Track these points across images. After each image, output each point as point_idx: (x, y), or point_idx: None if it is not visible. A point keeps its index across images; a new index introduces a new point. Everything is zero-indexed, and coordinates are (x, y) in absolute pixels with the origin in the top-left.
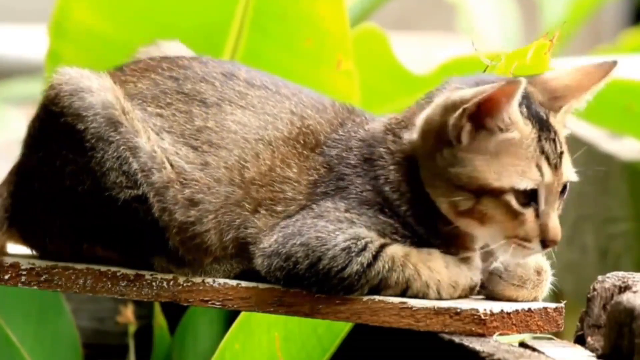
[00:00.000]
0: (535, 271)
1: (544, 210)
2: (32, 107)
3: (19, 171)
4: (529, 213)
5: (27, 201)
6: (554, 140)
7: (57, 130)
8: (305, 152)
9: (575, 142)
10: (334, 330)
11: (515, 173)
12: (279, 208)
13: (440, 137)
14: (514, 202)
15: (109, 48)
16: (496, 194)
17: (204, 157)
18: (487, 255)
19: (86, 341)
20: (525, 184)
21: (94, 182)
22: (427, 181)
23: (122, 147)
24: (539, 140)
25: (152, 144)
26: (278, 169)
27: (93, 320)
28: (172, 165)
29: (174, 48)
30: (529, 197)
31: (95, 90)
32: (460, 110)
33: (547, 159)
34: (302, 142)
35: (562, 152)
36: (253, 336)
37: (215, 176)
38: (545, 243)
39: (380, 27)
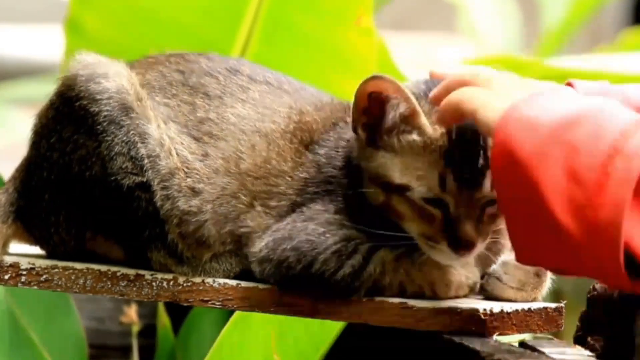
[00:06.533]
0: (535, 273)
1: (454, 214)
2: (35, 109)
3: (28, 163)
4: (437, 213)
5: (34, 191)
6: (474, 152)
7: (71, 114)
8: (300, 148)
9: None
10: (325, 329)
11: (416, 177)
12: (272, 203)
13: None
14: (417, 200)
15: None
16: (400, 190)
17: (205, 148)
18: (487, 258)
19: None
20: (422, 192)
21: (101, 167)
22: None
23: (131, 132)
24: (449, 150)
25: (162, 132)
26: (273, 162)
27: (93, 320)
28: (177, 154)
29: None
30: (435, 201)
31: (111, 75)
32: (354, 103)
33: (455, 172)
34: (298, 137)
35: (483, 167)
36: (250, 330)
37: (214, 167)
38: (454, 247)
39: (379, 29)
